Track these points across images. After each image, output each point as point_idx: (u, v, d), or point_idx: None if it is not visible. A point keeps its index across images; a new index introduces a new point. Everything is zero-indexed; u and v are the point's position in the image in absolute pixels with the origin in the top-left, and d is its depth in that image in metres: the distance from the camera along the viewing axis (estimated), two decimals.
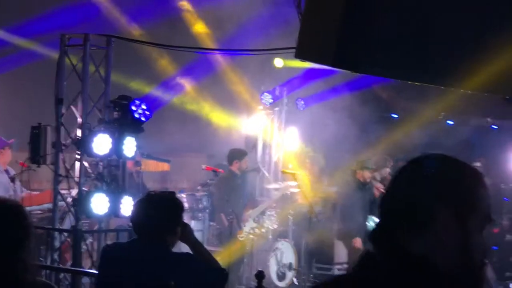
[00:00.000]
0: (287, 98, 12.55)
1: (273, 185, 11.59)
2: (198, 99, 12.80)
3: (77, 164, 7.92)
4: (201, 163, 12.05)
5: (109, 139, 7.72)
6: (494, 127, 14.31)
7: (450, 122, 14.17)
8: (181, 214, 4.09)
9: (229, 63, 12.53)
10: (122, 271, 3.92)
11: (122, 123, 7.86)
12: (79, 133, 7.88)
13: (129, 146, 7.89)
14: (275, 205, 11.08)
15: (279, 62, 12.20)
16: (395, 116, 14.19)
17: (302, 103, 12.58)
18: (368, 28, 4.04)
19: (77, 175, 7.91)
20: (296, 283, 10.38)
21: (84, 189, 7.91)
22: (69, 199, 7.94)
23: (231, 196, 10.29)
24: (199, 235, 10.08)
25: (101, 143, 7.66)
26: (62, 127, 7.98)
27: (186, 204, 10.16)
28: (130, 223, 4.31)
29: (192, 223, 10.30)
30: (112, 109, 7.99)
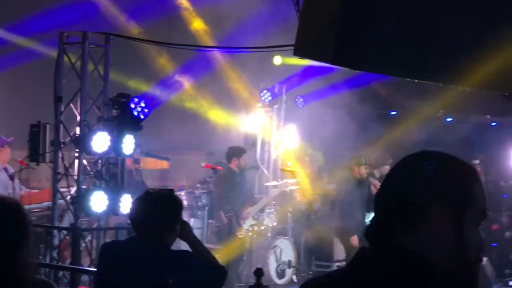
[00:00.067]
0: (286, 95, 12.53)
1: (272, 183, 11.58)
2: (197, 96, 12.79)
3: (76, 162, 7.92)
4: (200, 160, 12.03)
5: (108, 137, 7.71)
6: (494, 124, 14.30)
7: (449, 119, 14.15)
8: (180, 212, 4.09)
9: (228, 61, 12.51)
10: (121, 269, 3.92)
11: (121, 121, 7.86)
12: (78, 131, 7.88)
13: (128, 144, 7.89)
14: (274, 202, 11.08)
15: (278, 60, 12.18)
16: (394, 114, 14.18)
17: (301, 100, 12.58)
18: (367, 27, 4.04)
19: (76, 173, 7.91)
20: (295, 281, 10.39)
21: (83, 187, 7.91)
22: (68, 197, 7.94)
23: (230, 194, 10.28)
24: (198, 232, 10.07)
25: (100, 141, 7.66)
26: (61, 125, 7.99)
27: (185, 202, 10.15)
28: (129, 221, 4.31)
29: (191, 220, 10.29)
30: (111, 107, 7.99)
